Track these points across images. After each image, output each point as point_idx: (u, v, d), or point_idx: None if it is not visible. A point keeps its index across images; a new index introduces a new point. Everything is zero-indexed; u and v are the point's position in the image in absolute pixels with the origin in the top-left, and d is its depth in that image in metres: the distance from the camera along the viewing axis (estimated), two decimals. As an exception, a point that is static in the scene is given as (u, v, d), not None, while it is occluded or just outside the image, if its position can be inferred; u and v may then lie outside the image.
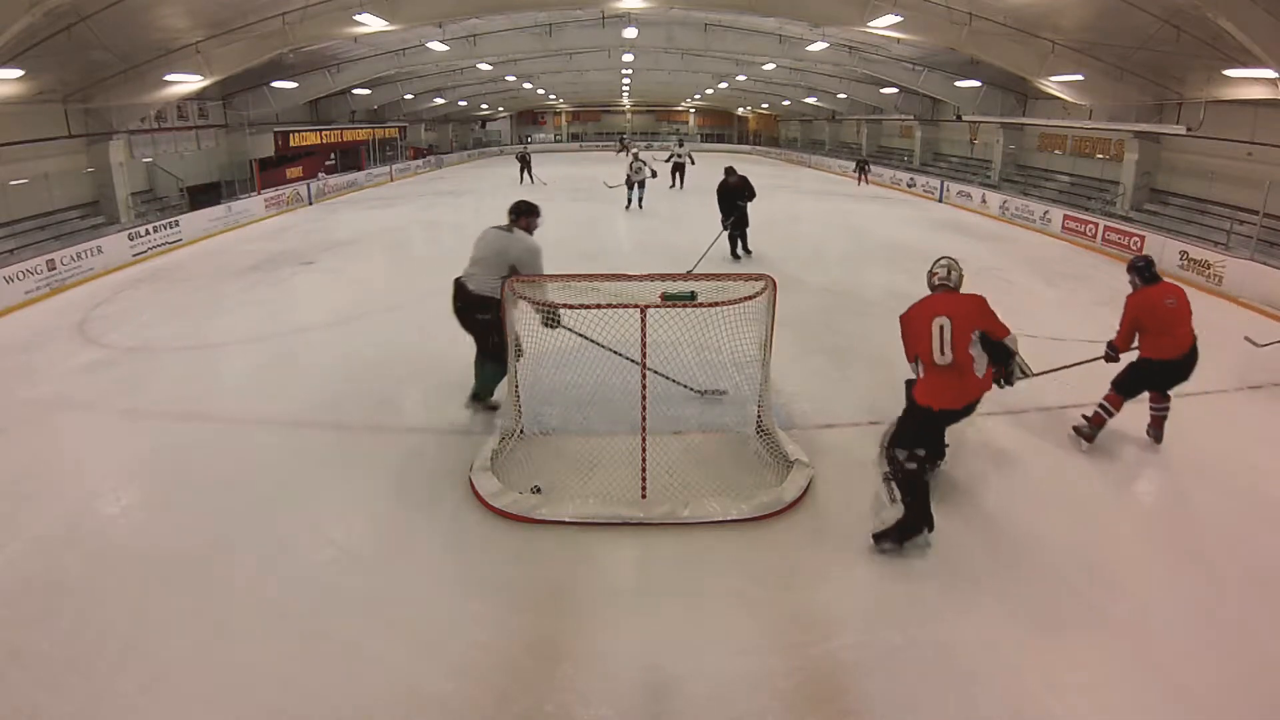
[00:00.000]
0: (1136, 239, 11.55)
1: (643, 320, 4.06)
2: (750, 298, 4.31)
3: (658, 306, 4.39)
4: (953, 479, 4.51)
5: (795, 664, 2.99)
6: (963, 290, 4.00)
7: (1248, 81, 10.07)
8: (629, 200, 16.05)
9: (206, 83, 13.13)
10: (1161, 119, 12.64)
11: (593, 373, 5.11)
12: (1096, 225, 12.71)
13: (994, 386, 4.01)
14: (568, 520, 3.95)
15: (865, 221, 15.34)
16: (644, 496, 4.08)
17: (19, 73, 10.07)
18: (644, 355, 4.09)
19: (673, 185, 19.40)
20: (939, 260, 4.14)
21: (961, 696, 2.85)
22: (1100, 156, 16.39)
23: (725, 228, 10.49)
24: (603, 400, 5.12)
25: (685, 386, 5.49)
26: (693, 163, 19.86)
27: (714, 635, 3.17)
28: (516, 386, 4.80)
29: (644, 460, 4.11)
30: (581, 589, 3.49)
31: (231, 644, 3.12)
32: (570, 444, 4.82)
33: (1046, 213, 14.38)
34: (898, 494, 3.93)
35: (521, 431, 4.89)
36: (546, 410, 5.20)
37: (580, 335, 4.78)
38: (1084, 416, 5.13)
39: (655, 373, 4.87)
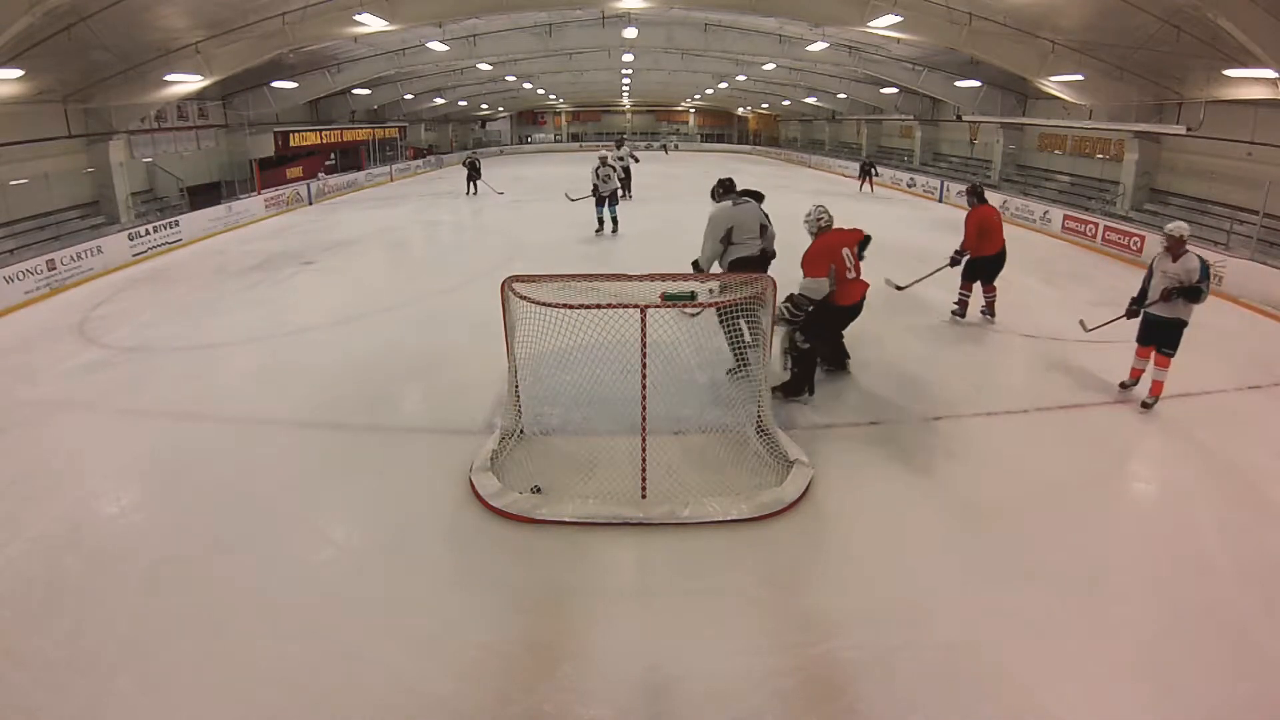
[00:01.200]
0: (1137, 239, 11.54)
1: (643, 320, 4.06)
2: (750, 298, 4.31)
3: (658, 307, 4.39)
4: (951, 478, 4.51)
5: (795, 664, 2.99)
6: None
7: (1248, 81, 10.06)
8: (599, 221, 12.85)
9: (206, 83, 13.12)
10: (1161, 119, 12.63)
11: (593, 373, 5.11)
12: (1096, 225, 12.70)
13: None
14: (568, 520, 3.95)
15: (865, 222, 15.12)
16: (644, 497, 4.08)
17: (19, 73, 10.06)
18: (644, 355, 4.09)
19: (622, 195, 15.97)
20: (819, 207, 5.71)
21: (961, 696, 2.85)
22: (1100, 156, 16.38)
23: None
24: (603, 400, 5.11)
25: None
26: (636, 160, 18.09)
27: (714, 635, 3.17)
28: (516, 387, 4.80)
29: (644, 460, 4.11)
30: (582, 589, 3.49)
31: (231, 645, 3.12)
32: (570, 444, 4.82)
33: (1046, 213, 14.37)
34: (791, 364, 5.59)
35: (521, 432, 4.89)
36: (546, 410, 5.20)
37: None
38: (953, 303, 7.85)
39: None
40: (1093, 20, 10.81)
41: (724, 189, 6.44)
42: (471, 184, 20.00)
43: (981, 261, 7.53)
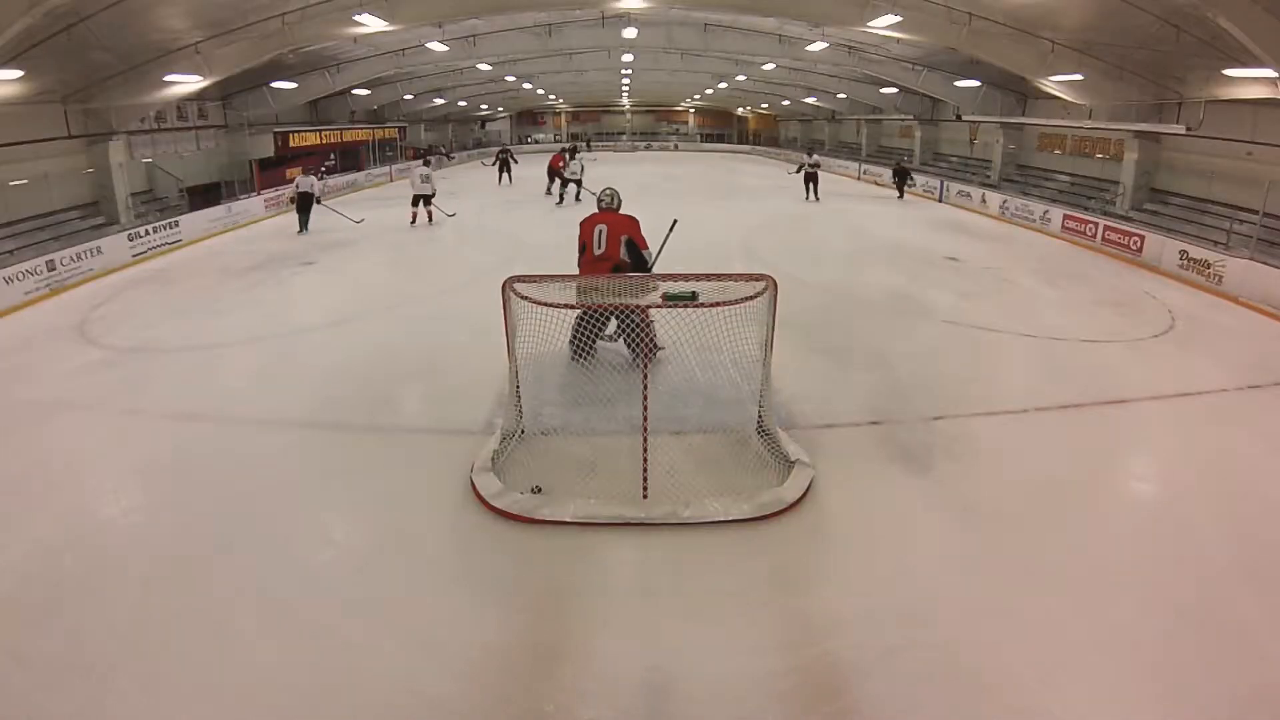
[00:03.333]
0: (1136, 238, 11.54)
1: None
2: (751, 298, 4.31)
3: (658, 306, 4.39)
4: (951, 478, 4.51)
5: (795, 664, 2.99)
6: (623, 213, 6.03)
7: (1248, 81, 10.06)
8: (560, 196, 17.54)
9: (206, 83, 13.11)
10: (1161, 119, 12.63)
11: (593, 373, 5.12)
12: (1096, 225, 12.71)
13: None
14: (569, 520, 3.95)
15: (864, 221, 15.33)
16: (645, 497, 4.08)
17: (19, 73, 10.04)
18: (644, 355, 4.09)
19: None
20: (605, 189, 6.26)
21: (961, 697, 2.85)
22: (1100, 156, 16.37)
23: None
24: (603, 400, 5.12)
25: None
26: (516, 162, 21.48)
27: (714, 635, 3.17)
28: (517, 387, 4.80)
29: (645, 460, 4.11)
30: (582, 589, 3.49)
31: (231, 644, 3.12)
32: (571, 444, 4.82)
33: (1046, 212, 14.38)
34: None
35: (522, 432, 4.89)
36: (547, 410, 5.20)
37: None
38: None
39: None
40: (1092, 20, 10.81)
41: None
42: (503, 174, 21.62)
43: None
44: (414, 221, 14.40)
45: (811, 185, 18.07)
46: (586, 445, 4.74)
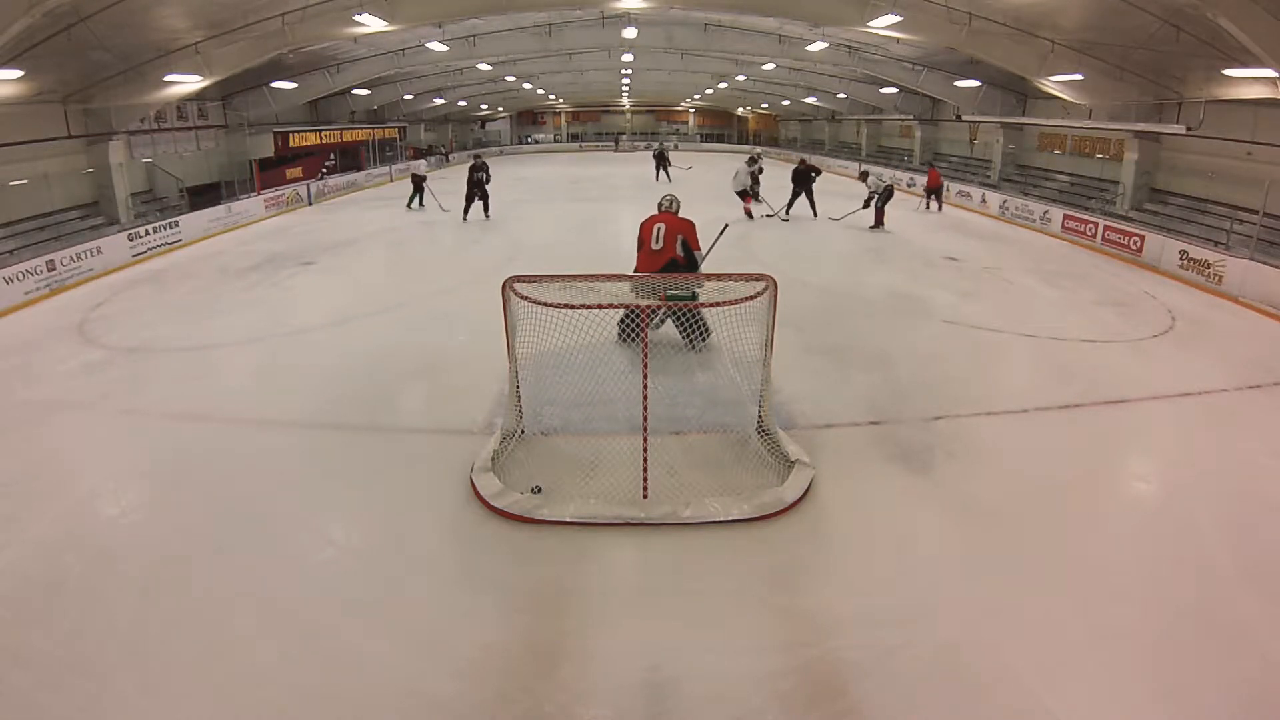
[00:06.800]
0: (1136, 238, 11.54)
1: (644, 320, 4.07)
2: (751, 298, 4.31)
3: (660, 306, 4.39)
4: (951, 478, 4.51)
5: (795, 664, 2.99)
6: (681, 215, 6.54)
7: (1248, 81, 10.06)
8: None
9: (206, 83, 13.11)
10: (1161, 119, 12.63)
11: (593, 373, 5.11)
12: (1096, 225, 12.71)
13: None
14: (569, 520, 3.95)
15: (865, 221, 15.32)
16: (645, 496, 4.08)
17: (19, 73, 10.04)
18: (645, 355, 4.09)
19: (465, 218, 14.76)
20: (665, 195, 6.82)
21: (961, 697, 2.85)
22: (1100, 156, 16.37)
23: None
24: (603, 400, 5.11)
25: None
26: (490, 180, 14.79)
27: (714, 635, 3.17)
28: (517, 387, 4.80)
29: (645, 460, 4.11)
30: (582, 589, 3.49)
31: (231, 644, 3.12)
32: (571, 444, 4.81)
33: (1046, 212, 14.38)
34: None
35: (522, 432, 4.89)
36: (547, 410, 5.19)
37: None
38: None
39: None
40: (1092, 20, 10.81)
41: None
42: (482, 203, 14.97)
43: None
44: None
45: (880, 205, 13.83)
46: (586, 445, 4.74)
